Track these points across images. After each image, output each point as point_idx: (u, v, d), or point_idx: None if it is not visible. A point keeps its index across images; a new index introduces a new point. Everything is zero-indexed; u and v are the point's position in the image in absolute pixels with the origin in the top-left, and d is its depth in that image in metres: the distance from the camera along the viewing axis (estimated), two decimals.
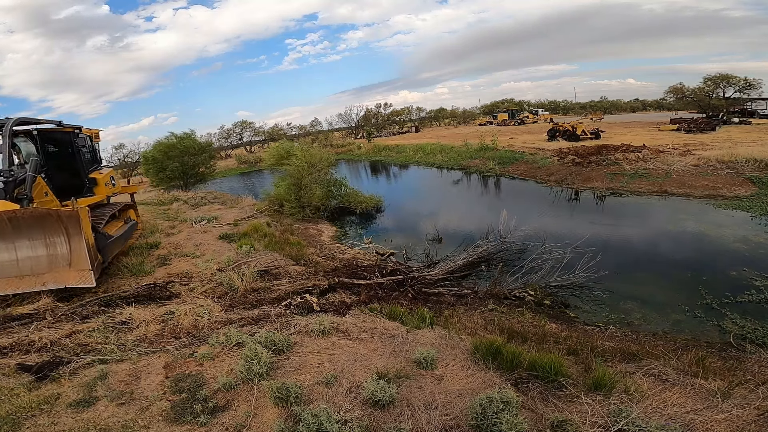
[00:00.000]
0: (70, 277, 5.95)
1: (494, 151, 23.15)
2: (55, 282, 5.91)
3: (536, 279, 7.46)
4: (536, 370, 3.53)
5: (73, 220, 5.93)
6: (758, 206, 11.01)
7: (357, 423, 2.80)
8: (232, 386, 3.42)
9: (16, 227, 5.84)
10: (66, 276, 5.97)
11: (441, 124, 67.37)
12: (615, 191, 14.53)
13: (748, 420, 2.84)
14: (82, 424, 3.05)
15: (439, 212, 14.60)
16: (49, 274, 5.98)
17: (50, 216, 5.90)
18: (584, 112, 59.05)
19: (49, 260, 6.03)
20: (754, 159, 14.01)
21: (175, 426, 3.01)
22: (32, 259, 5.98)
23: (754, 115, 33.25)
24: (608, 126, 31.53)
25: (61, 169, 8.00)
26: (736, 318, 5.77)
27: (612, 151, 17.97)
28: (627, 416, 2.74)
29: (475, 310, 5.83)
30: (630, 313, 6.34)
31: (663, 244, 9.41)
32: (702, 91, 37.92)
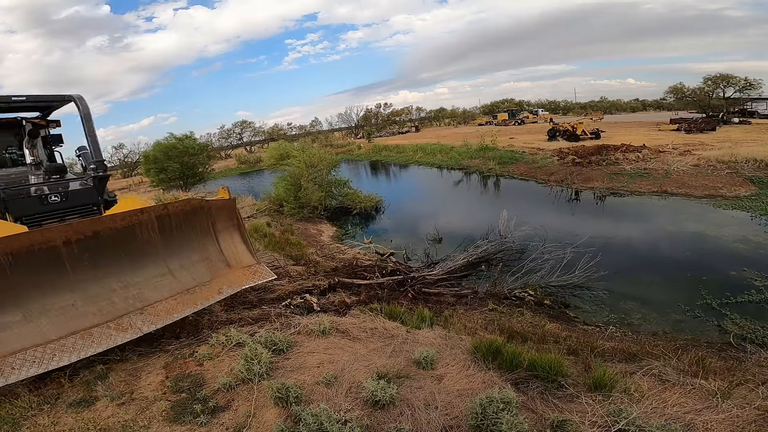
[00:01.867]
0: (245, 277, 4.94)
1: (494, 151, 23.15)
2: (231, 286, 4.81)
3: (536, 279, 7.46)
4: (536, 370, 3.53)
5: (226, 212, 5.02)
6: (758, 206, 11.01)
7: (357, 423, 2.80)
8: (232, 386, 3.42)
9: (165, 229, 4.49)
10: (239, 277, 4.92)
11: (441, 124, 67.38)
12: (615, 191, 14.53)
13: (748, 420, 2.84)
14: (82, 424, 3.05)
15: (439, 212, 14.60)
16: (216, 279, 4.79)
17: (201, 209, 4.82)
18: (584, 112, 59.06)
19: (207, 264, 4.85)
20: (754, 159, 14.01)
21: (175, 426, 3.01)
22: (188, 266, 4.70)
23: (754, 115, 33.24)
24: (608, 126, 31.53)
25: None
26: (736, 318, 5.78)
27: (612, 151, 17.97)
28: (627, 416, 2.73)
29: (475, 310, 5.83)
30: (630, 313, 6.34)
31: (663, 244, 9.41)
32: (702, 91, 37.96)
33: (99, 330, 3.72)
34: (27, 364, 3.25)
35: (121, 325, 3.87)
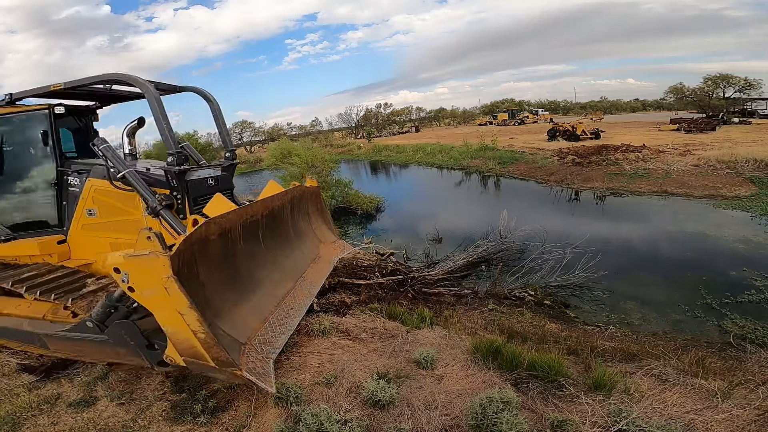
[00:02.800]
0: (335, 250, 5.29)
1: (494, 151, 23.17)
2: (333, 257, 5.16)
3: (536, 279, 7.46)
4: (536, 370, 3.53)
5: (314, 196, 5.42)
6: (758, 206, 11.01)
7: (357, 423, 2.80)
8: (232, 386, 3.42)
9: (293, 210, 4.81)
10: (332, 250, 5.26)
11: (441, 124, 67.41)
12: (615, 191, 14.53)
13: (748, 420, 2.84)
14: (82, 424, 3.05)
15: (439, 212, 14.60)
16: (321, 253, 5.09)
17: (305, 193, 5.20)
18: (584, 112, 59.09)
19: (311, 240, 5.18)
20: (754, 159, 14.02)
21: (175, 426, 3.02)
22: (305, 241, 5.02)
23: (754, 115, 33.27)
24: (608, 126, 31.54)
25: None
26: (736, 318, 5.78)
27: (612, 151, 17.98)
28: (627, 416, 2.73)
29: (475, 310, 5.83)
30: (630, 313, 6.34)
31: (663, 244, 9.41)
32: (702, 91, 38.00)
33: (292, 297, 3.86)
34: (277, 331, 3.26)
35: (302, 292, 4.06)
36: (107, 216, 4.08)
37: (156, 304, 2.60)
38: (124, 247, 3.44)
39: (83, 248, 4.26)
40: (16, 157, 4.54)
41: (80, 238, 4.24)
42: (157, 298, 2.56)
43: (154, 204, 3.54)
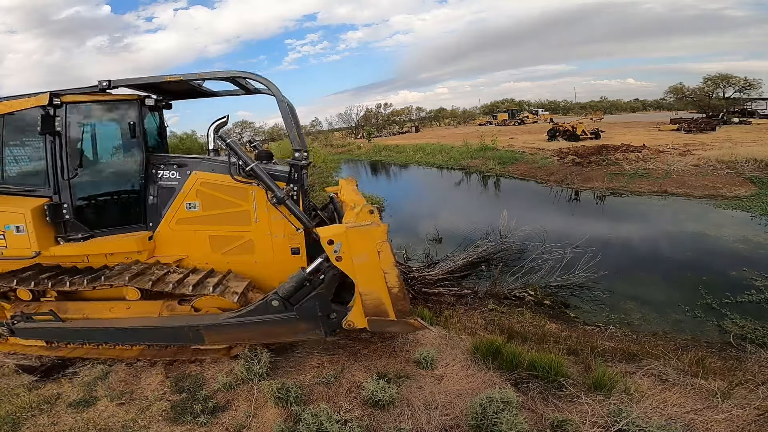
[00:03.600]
0: None
1: (494, 151, 23.17)
2: None
3: (536, 279, 7.45)
4: (536, 370, 3.53)
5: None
6: (758, 206, 11.01)
7: (357, 423, 2.80)
8: (232, 386, 3.42)
9: None
10: None
11: (441, 124, 67.40)
12: (615, 191, 14.53)
13: (748, 420, 2.84)
14: (82, 424, 3.05)
15: (439, 212, 14.60)
16: None
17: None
18: (584, 112, 59.09)
19: None
20: (754, 159, 14.02)
21: (175, 426, 3.02)
22: None
23: (754, 115, 33.28)
24: (608, 126, 31.54)
25: None
26: (736, 318, 5.78)
27: (612, 151, 17.98)
28: (627, 416, 2.74)
29: (475, 310, 5.83)
30: (630, 313, 6.34)
31: (663, 244, 9.41)
32: (702, 91, 38.02)
33: None
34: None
35: None
36: (211, 209, 4.08)
37: (362, 268, 3.22)
38: (225, 240, 4.05)
39: (173, 243, 4.19)
40: (104, 147, 4.44)
41: (171, 233, 4.16)
42: (365, 262, 3.19)
43: (281, 194, 3.78)
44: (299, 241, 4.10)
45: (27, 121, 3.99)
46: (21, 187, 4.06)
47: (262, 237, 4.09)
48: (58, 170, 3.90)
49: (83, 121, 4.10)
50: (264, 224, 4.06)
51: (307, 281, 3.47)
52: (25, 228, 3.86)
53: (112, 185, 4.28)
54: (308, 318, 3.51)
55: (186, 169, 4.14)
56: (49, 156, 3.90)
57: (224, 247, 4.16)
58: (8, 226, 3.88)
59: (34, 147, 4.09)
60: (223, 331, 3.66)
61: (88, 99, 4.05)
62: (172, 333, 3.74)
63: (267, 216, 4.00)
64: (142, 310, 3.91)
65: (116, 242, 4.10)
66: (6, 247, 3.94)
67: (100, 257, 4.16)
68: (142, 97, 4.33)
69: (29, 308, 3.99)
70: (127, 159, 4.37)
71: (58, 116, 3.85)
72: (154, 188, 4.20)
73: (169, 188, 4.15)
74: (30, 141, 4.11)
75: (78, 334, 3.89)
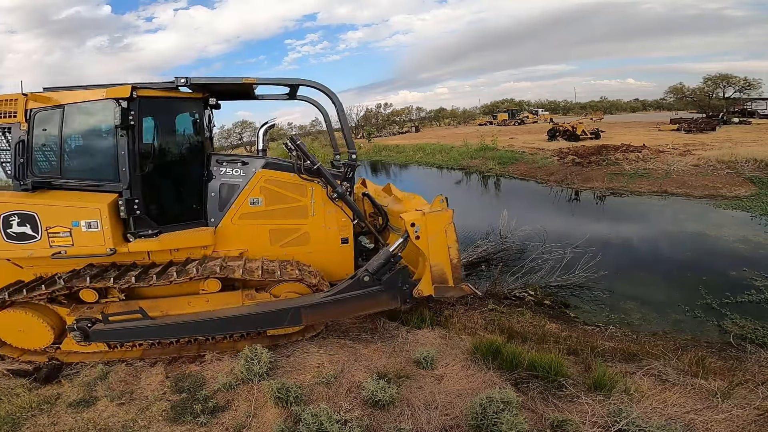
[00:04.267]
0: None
1: (494, 151, 23.15)
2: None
3: (536, 279, 7.45)
4: (536, 370, 3.53)
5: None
6: (758, 206, 11.01)
7: (357, 423, 2.80)
8: (232, 386, 3.42)
9: None
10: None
11: (441, 124, 67.37)
12: (615, 191, 14.52)
13: (748, 420, 2.84)
14: (82, 424, 3.05)
15: None
16: None
17: None
18: (584, 112, 59.08)
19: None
20: (754, 159, 14.01)
21: (175, 426, 3.02)
22: None
23: (754, 115, 33.28)
24: (608, 126, 31.53)
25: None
26: (736, 318, 5.77)
27: (612, 151, 17.97)
28: (627, 416, 2.73)
29: (475, 310, 5.83)
30: (630, 313, 6.33)
31: (663, 244, 9.41)
32: (702, 91, 38.04)
33: None
34: None
35: None
36: (273, 204, 4.35)
37: (434, 245, 4.04)
38: (284, 232, 4.43)
39: (235, 238, 4.36)
40: (172, 143, 4.51)
41: (234, 228, 4.32)
42: (436, 240, 4.03)
43: (341, 190, 4.31)
44: (348, 231, 4.60)
45: (95, 113, 3.92)
46: (85, 181, 3.96)
47: (317, 229, 4.49)
48: (130, 165, 3.85)
49: (155, 116, 4.14)
50: (319, 217, 4.47)
51: (392, 258, 3.99)
52: (99, 224, 3.77)
53: (177, 181, 4.40)
54: (391, 290, 4.05)
55: (250, 167, 4.34)
56: (122, 150, 3.83)
57: (282, 240, 4.46)
58: (76, 223, 3.77)
59: (102, 140, 3.99)
60: (321, 309, 3.97)
61: (161, 94, 4.08)
62: (269, 317, 3.89)
63: (323, 210, 4.44)
64: (222, 302, 4.03)
65: (188, 237, 4.18)
66: (72, 245, 3.80)
67: (165, 253, 4.19)
68: (207, 96, 4.43)
69: (108, 309, 3.88)
70: (192, 156, 4.49)
71: (132, 110, 3.80)
72: (216, 185, 4.33)
73: (233, 185, 4.32)
74: (97, 133, 4.01)
75: (167, 330, 3.83)
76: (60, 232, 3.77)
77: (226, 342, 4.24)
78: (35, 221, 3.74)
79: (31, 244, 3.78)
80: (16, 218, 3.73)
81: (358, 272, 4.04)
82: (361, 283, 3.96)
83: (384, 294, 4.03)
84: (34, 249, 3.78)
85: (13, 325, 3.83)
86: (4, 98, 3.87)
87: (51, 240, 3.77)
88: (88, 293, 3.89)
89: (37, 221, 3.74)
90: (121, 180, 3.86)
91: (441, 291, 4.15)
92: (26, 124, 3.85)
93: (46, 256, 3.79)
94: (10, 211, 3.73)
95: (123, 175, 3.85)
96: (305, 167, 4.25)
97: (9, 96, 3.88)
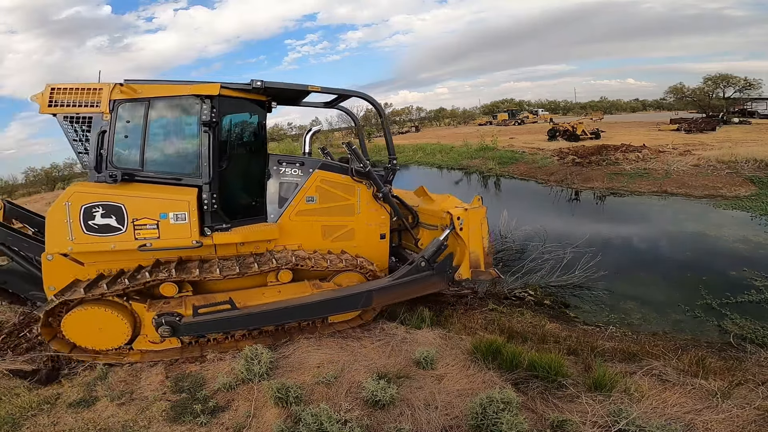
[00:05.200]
0: None
1: (494, 151, 23.15)
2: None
3: (536, 279, 7.45)
4: (536, 370, 3.52)
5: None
6: (758, 206, 11.00)
7: (357, 423, 2.80)
8: (232, 386, 3.42)
9: None
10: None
11: (441, 124, 67.35)
12: (615, 191, 14.52)
13: (748, 420, 2.84)
14: (82, 424, 3.05)
15: None
16: None
17: None
18: (584, 112, 59.07)
19: None
20: (754, 159, 14.00)
21: (175, 426, 3.02)
22: None
23: (754, 115, 33.28)
24: (608, 126, 31.52)
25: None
26: (736, 318, 5.77)
27: (612, 151, 17.96)
28: (627, 416, 2.74)
29: (475, 310, 5.82)
30: (630, 313, 6.33)
31: (663, 244, 9.41)
32: (702, 91, 38.02)
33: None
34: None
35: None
36: (325, 202, 4.72)
37: (472, 235, 4.78)
38: (334, 228, 4.82)
39: (292, 233, 4.65)
40: (242, 142, 4.76)
41: (291, 224, 4.62)
42: (475, 232, 4.79)
43: (386, 190, 4.80)
44: (386, 228, 5.06)
45: (180, 108, 4.04)
46: (166, 175, 4.03)
47: (362, 225, 4.90)
48: (212, 161, 3.98)
49: (231, 115, 4.38)
50: (364, 215, 4.88)
51: (442, 246, 4.62)
52: (187, 216, 3.86)
53: (244, 179, 4.62)
54: (440, 273, 4.72)
55: (308, 168, 4.66)
56: (204, 146, 3.97)
57: (332, 235, 4.83)
58: (164, 215, 3.82)
59: (185, 135, 4.11)
60: (387, 292, 4.47)
61: (239, 95, 4.27)
62: (346, 301, 4.28)
63: (367, 208, 4.86)
64: (293, 292, 4.36)
65: (258, 231, 4.42)
66: (158, 237, 3.84)
67: (231, 247, 4.36)
68: (269, 100, 4.74)
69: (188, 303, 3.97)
70: (256, 155, 4.74)
71: (215, 108, 3.97)
72: (276, 183, 4.62)
73: (292, 183, 4.64)
74: (180, 128, 4.12)
75: (253, 319, 3.99)
76: (147, 224, 3.80)
77: (228, 342, 4.25)
78: (122, 213, 3.74)
79: (115, 236, 3.75)
80: (100, 209, 3.70)
81: (415, 259, 4.65)
82: (419, 268, 4.58)
83: (435, 277, 4.68)
84: (118, 242, 3.76)
85: (91, 324, 3.78)
86: (87, 87, 3.85)
87: (137, 232, 3.79)
88: (169, 287, 3.98)
89: (123, 213, 3.74)
90: (203, 175, 3.99)
91: (476, 274, 4.88)
92: (109, 115, 3.83)
93: (131, 248, 3.80)
94: (93, 203, 3.69)
95: (204, 170, 3.98)
96: (356, 170, 4.65)
97: (93, 85, 3.88)
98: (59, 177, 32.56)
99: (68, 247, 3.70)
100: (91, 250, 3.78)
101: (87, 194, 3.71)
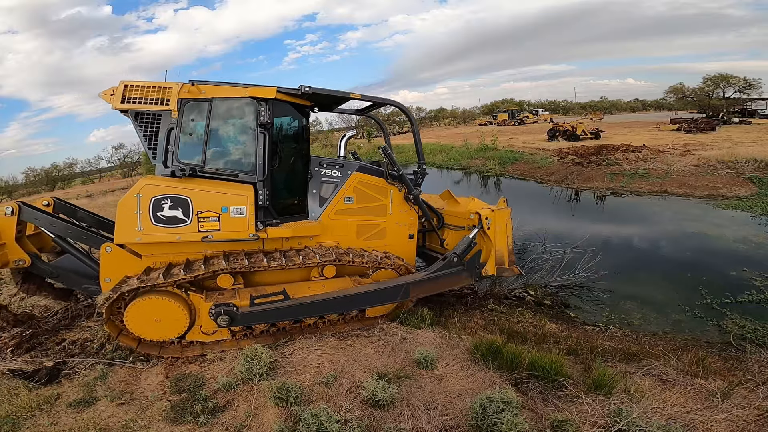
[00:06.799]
0: None
1: (494, 151, 23.14)
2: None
3: (536, 279, 7.45)
4: (536, 370, 3.53)
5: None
6: (758, 206, 11.00)
7: (357, 423, 2.80)
8: (232, 386, 3.42)
9: None
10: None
11: (441, 124, 67.34)
12: (615, 191, 14.52)
13: (748, 420, 2.84)
14: (82, 424, 3.05)
15: None
16: None
17: None
18: (584, 112, 59.07)
19: None
20: (754, 159, 14.00)
21: (175, 426, 3.02)
22: None
23: (754, 115, 33.30)
24: (608, 126, 31.52)
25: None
26: (736, 318, 5.77)
27: (612, 151, 17.96)
28: (627, 416, 2.74)
29: (475, 310, 5.83)
30: (630, 313, 6.33)
31: (663, 244, 9.41)
32: (702, 91, 38.02)
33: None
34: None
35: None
36: (361, 203, 4.98)
37: (498, 234, 5.05)
38: (368, 227, 5.07)
39: (331, 231, 4.88)
40: (289, 143, 5.03)
41: (330, 222, 4.86)
42: (500, 231, 5.07)
43: (417, 193, 5.07)
44: (414, 228, 5.34)
45: (238, 109, 4.31)
46: (224, 171, 4.28)
47: (393, 225, 5.18)
48: (266, 159, 4.26)
49: (282, 118, 4.68)
50: (395, 216, 5.16)
51: (472, 243, 4.93)
52: (245, 211, 4.08)
53: (290, 178, 4.86)
54: (470, 269, 5.00)
55: (347, 169, 4.94)
56: (260, 145, 4.25)
57: (366, 234, 5.08)
58: (225, 209, 4.03)
59: (242, 134, 4.39)
60: (423, 285, 4.76)
61: (290, 99, 4.53)
62: (385, 294, 4.55)
63: (398, 209, 5.15)
64: (336, 286, 4.59)
65: (304, 227, 4.67)
66: (219, 229, 4.04)
67: (277, 242, 4.55)
68: (312, 105, 5.04)
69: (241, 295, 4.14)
70: (300, 156, 5.00)
71: (270, 110, 4.27)
72: (317, 183, 4.90)
73: (331, 183, 4.92)
74: (239, 128, 4.39)
75: (303, 309, 4.18)
76: (210, 217, 4.02)
77: (229, 341, 4.26)
78: (188, 205, 3.94)
79: (180, 228, 3.94)
80: (168, 202, 3.88)
81: (448, 255, 4.92)
82: (451, 264, 4.87)
83: (465, 272, 4.96)
84: (183, 233, 3.95)
85: (150, 315, 3.90)
86: (159, 85, 4.09)
87: (200, 224, 4.00)
88: (226, 278, 4.17)
89: (189, 206, 3.94)
90: (257, 172, 4.26)
91: (500, 271, 5.17)
92: (177, 113, 4.09)
93: (195, 240, 4.01)
94: (162, 195, 3.87)
95: (259, 168, 4.26)
96: (391, 173, 4.95)
97: (164, 84, 4.12)
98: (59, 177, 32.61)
99: (137, 238, 3.86)
100: (158, 240, 3.95)
101: (157, 187, 3.89)
